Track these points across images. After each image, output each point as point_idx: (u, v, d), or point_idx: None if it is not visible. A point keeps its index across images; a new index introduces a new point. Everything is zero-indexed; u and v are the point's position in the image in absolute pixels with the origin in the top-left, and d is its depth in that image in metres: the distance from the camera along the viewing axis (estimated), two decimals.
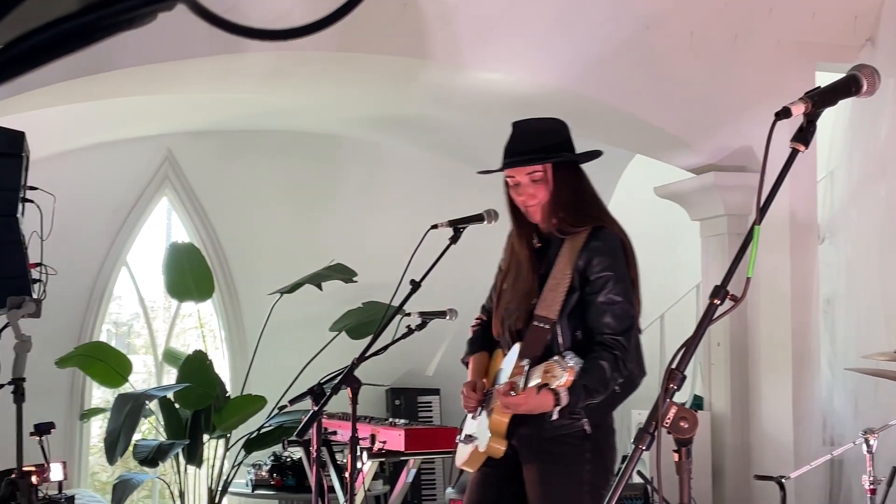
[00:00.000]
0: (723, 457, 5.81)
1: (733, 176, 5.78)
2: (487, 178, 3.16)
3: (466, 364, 3.21)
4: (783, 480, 3.98)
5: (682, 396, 7.54)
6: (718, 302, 1.78)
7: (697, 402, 6.59)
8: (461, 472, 3.12)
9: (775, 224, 5.56)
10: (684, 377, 1.76)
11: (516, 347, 2.92)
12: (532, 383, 2.69)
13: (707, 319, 1.78)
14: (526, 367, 2.75)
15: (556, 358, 2.64)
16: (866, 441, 3.69)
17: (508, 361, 2.93)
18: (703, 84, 5.66)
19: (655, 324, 7.21)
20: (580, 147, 3.09)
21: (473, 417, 3.05)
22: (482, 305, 3.31)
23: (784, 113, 1.78)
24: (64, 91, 5.01)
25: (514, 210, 3.07)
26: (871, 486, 3.74)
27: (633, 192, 7.93)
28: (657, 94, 5.64)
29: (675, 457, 1.77)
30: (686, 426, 1.76)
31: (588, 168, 3.13)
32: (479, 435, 2.93)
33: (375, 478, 6.24)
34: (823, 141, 5.84)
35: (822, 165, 5.88)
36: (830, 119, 5.94)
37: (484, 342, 3.20)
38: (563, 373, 2.59)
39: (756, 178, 5.88)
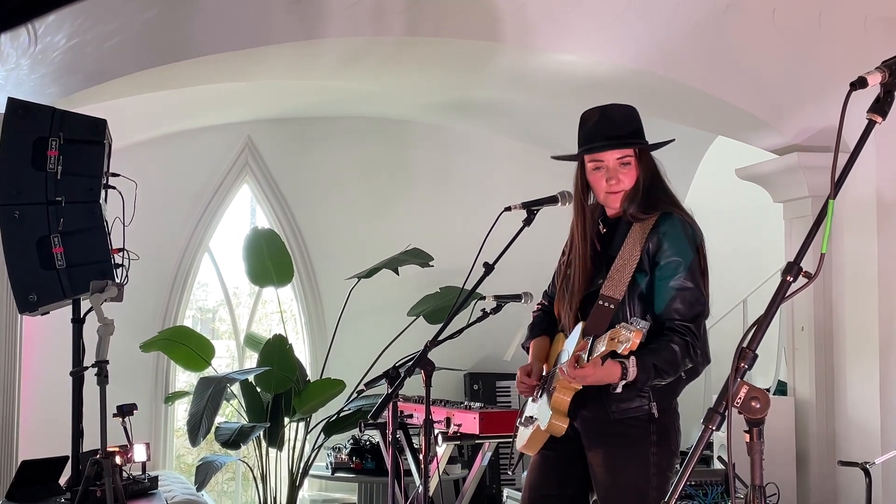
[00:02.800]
0: (807, 444, 5.70)
1: (817, 156, 5.65)
2: (561, 162, 3.14)
3: (527, 349, 3.20)
4: (868, 467, 3.87)
5: (766, 382, 7.41)
6: (791, 279, 1.73)
7: (781, 388, 6.46)
8: (521, 455, 3.11)
9: (861, 203, 5.42)
10: (756, 356, 1.73)
11: (579, 326, 2.91)
12: (597, 353, 2.67)
13: (780, 297, 1.73)
14: (589, 342, 2.73)
15: (622, 323, 2.62)
16: None
17: (571, 341, 2.92)
18: (786, 63, 5.52)
19: (738, 308, 7.09)
20: (649, 133, 3.10)
21: (533, 401, 3.04)
22: (544, 291, 3.30)
23: (859, 83, 1.73)
24: (143, 80, 5.11)
25: (582, 194, 3.05)
26: None
27: (714, 175, 7.80)
28: (738, 74, 5.52)
29: (747, 437, 1.74)
30: (758, 406, 1.72)
31: (668, 151, 3.11)
32: (540, 415, 2.92)
33: (453, 461, 6.26)
34: None
35: None
36: None
37: (545, 327, 3.19)
38: (629, 335, 2.56)
39: (843, 157, 5.71)
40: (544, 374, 3.05)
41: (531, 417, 2.98)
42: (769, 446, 5.52)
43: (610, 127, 2.97)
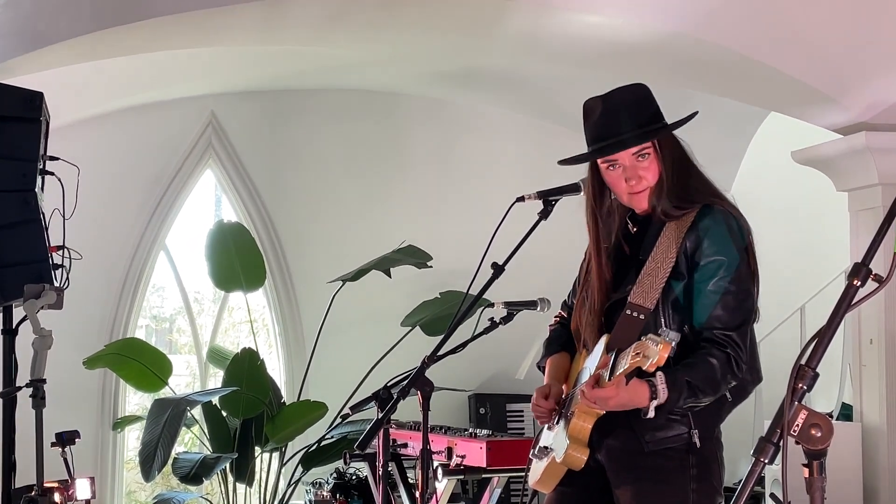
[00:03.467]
0: (876, 477, 5.70)
1: (890, 136, 5.64)
2: (584, 143, 3.13)
3: (542, 369, 3.19)
4: None
5: (828, 405, 7.42)
6: (859, 283, 1.73)
7: (846, 412, 6.47)
8: (535, 493, 3.10)
9: None
10: (816, 375, 1.73)
11: (603, 340, 2.90)
12: (620, 370, 2.66)
13: (845, 305, 1.73)
14: (612, 358, 2.73)
15: (649, 335, 2.59)
16: None
17: (593, 358, 2.90)
18: (852, 28, 5.51)
19: (795, 317, 7.09)
20: (677, 110, 3.08)
21: (550, 428, 3.03)
22: (563, 301, 3.30)
23: None
24: (89, 45, 5.11)
25: (595, 199, 3.05)
26: None
27: (766, 159, 7.81)
28: (794, 39, 5.52)
29: (805, 472, 1.74)
30: (819, 435, 1.72)
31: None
32: (556, 445, 2.91)
33: (456, 499, 6.26)
34: None
35: None
36: None
37: (564, 342, 3.18)
38: (656, 347, 2.53)
39: None
40: (564, 396, 3.04)
41: (546, 448, 2.96)
42: (831, 481, 5.54)
43: (618, 119, 2.94)
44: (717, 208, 2.89)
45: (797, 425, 1.72)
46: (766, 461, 1.73)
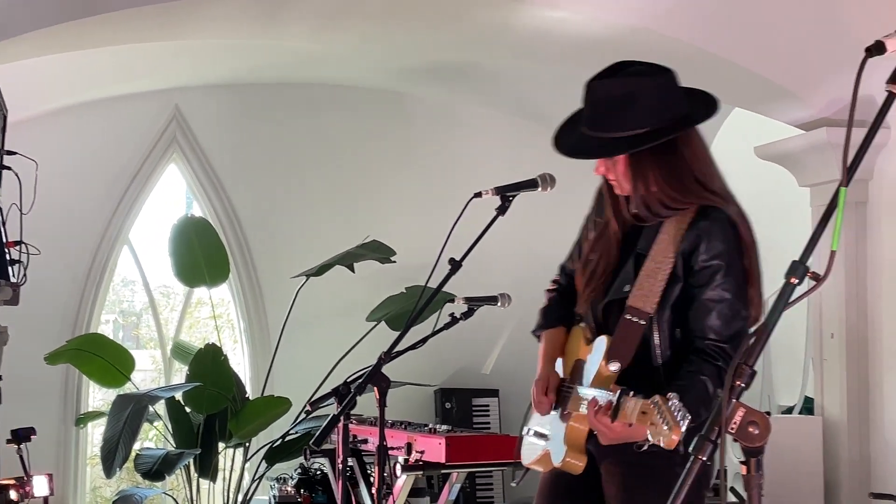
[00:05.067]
0: (837, 471, 5.73)
1: (851, 132, 5.66)
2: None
3: (538, 337, 3.11)
4: None
5: (792, 399, 7.45)
6: (796, 281, 1.74)
7: (809, 406, 6.50)
8: (526, 471, 3.05)
9: None
10: (754, 373, 1.73)
11: (602, 342, 2.82)
12: (623, 419, 2.54)
13: (782, 303, 1.74)
14: (616, 396, 2.61)
15: (657, 400, 2.42)
16: None
17: (594, 359, 2.83)
18: (814, 24, 5.54)
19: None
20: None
21: (543, 414, 2.97)
22: (561, 265, 3.19)
23: (877, 48, 1.74)
24: (49, 38, 5.08)
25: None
26: None
27: (730, 154, 7.82)
28: (757, 36, 5.54)
29: (743, 469, 1.74)
30: (756, 432, 1.73)
31: None
32: (553, 440, 2.88)
33: (419, 493, 6.26)
34: None
35: None
36: None
37: (561, 315, 3.09)
38: (669, 433, 2.39)
39: (880, 134, 5.72)
40: (559, 385, 2.98)
41: (544, 435, 2.94)
42: (793, 474, 5.57)
43: (590, 118, 2.84)
44: (717, 210, 2.78)
45: (735, 423, 1.72)
46: (705, 458, 1.73)
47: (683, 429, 2.37)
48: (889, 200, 5.63)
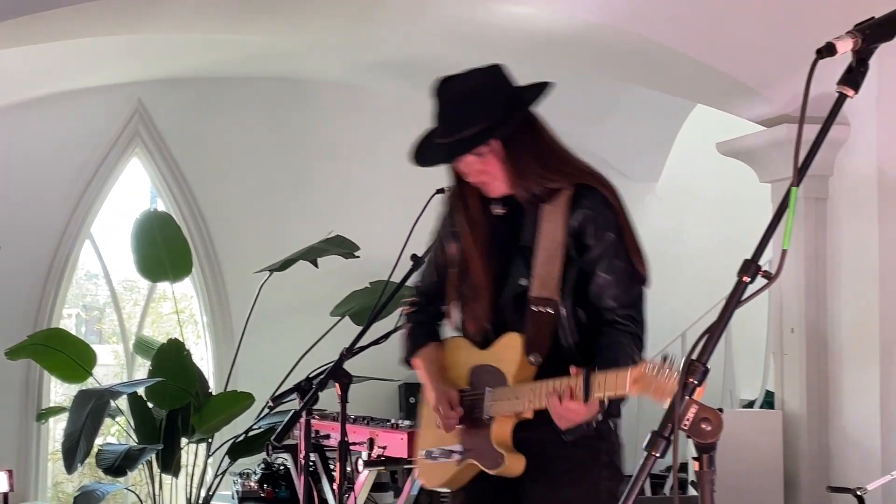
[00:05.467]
0: (797, 465, 5.79)
1: (811, 129, 5.68)
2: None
3: (410, 364, 3.07)
4: (861, 494, 3.96)
5: (753, 393, 7.53)
6: (748, 279, 1.75)
7: (769, 400, 6.57)
8: (431, 494, 2.99)
9: (861, 187, 5.50)
10: (707, 370, 1.74)
11: (514, 339, 2.79)
12: (598, 394, 2.53)
13: (734, 301, 1.76)
14: (575, 374, 2.59)
15: (649, 364, 2.41)
16: None
17: (506, 357, 2.80)
18: (775, 21, 5.58)
19: (719, 307, 7.16)
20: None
21: (440, 427, 2.90)
22: (415, 286, 3.16)
23: (827, 50, 1.76)
24: (6, 33, 5.04)
25: (458, 179, 2.95)
26: None
27: (693, 150, 7.89)
28: (719, 32, 5.58)
29: (696, 466, 1.76)
30: (708, 429, 1.74)
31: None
32: (475, 450, 2.81)
33: (383, 488, 6.28)
34: None
35: None
36: None
37: (427, 331, 3.07)
38: (666, 371, 2.35)
39: (840, 130, 5.76)
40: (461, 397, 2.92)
41: (450, 451, 2.86)
42: (753, 468, 5.62)
43: (442, 122, 2.89)
44: (592, 188, 2.82)
45: (688, 419, 1.74)
46: (658, 455, 1.74)
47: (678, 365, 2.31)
48: (849, 196, 5.69)
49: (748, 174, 6.34)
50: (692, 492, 5.83)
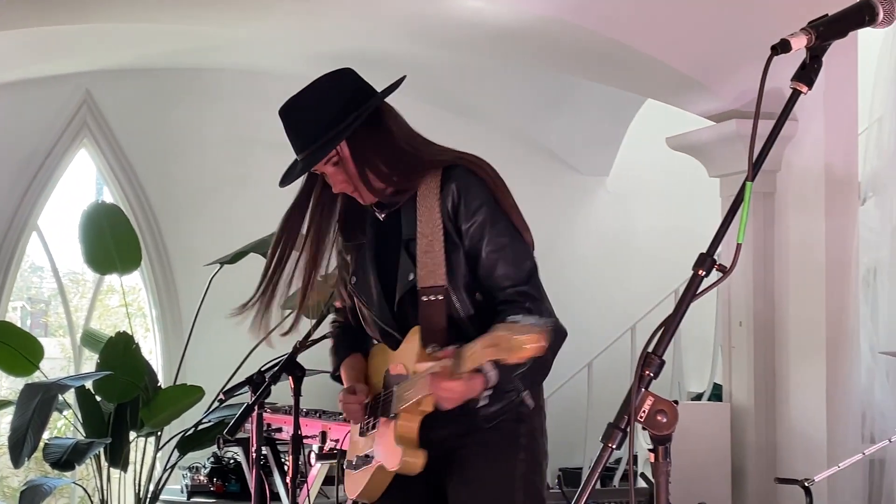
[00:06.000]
0: (744, 457, 5.85)
1: (760, 124, 5.77)
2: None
3: (338, 379, 3.07)
4: (809, 485, 4.01)
5: (701, 386, 7.60)
6: (703, 273, 1.78)
7: (717, 393, 6.63)
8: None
9: (808, 181, 5.57)
10: (663, 362, 1.77)
11: (413, 333, 2.75)
12: (468, 365, 2.47)
13: (690, 294, 1.78)
14: (433, 349, 2.56)
15: (498, 325, 2.38)
16: None
17: (408, 352, 2.77)
18: (724, 17, 5.64)
19: (668, 300, 7.24)
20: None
21: (363, 433, 2.89)
22: (336, 308, 3.19)
23: (782, 47, 1.79)
24: None
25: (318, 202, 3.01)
26: None
27: (644, 145, 7.95)
28: (669, 28, 5.62)
29: (651, 457, 1.78)
30: (664, 421, 1.76)
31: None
32: (383, 452, 2.75)
33: (335, 482, 6.26)
34: (866, 85, 5.84)
35: (864, 114, 5.88)
36: (873, 58, 5.94)
37: (351, 343, 3.09)
38: (525, 338, 2.29)
39: (787, 126, 5.85)
40: (369, 399, 2.90)
41: (368, 456, 2.81)
42: (701, 460, 5.68)
43: (293, 140, 2.94)
44: (456, 166, 2.78)
45: (644, 411, 1.76)
46: (614, 447, 1.77)
47: (547, 328, 2.33)
48: (796, 191, 5.76)
49: (697, 169, 6.40)
50: (641, 483, 5.88)
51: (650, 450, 1.79)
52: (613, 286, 8.00)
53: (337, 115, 2.81)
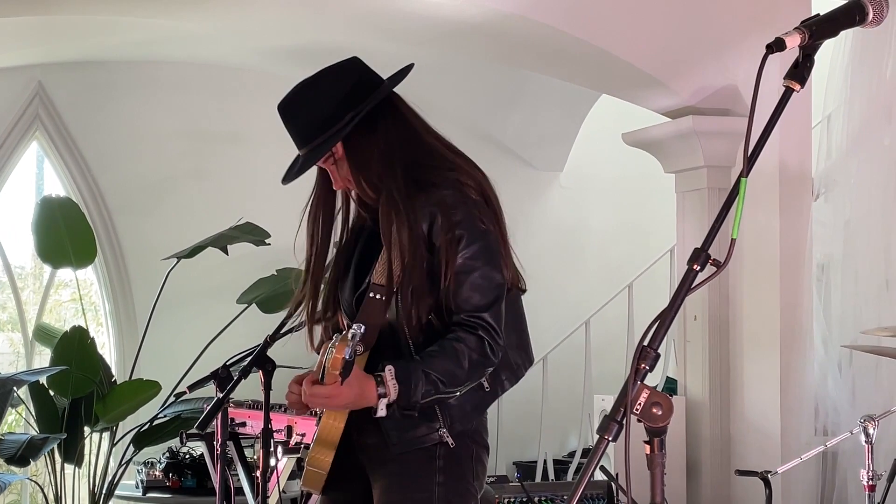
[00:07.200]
0: (699, 449, 5.92)
1: (715, 121, 5.84)
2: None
3: None
4: (769, 476, 4.06)
5: (654, 379, 7.65)
6: (698, 268, 1.80)
7: (671, 386, 6.70)
8: (307, 496, 2.90)
9: (762, 177, 5.64)
10: (658, 356, 1.79)
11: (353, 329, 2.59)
12: (332, 365, 2.45)
13: (685, 288, 1.80)
14: (327, 348, 2.55)
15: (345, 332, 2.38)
16: (865, 430, 3.77)
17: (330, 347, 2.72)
18: (680, 13, 5.70)
19: (623, 294, 7.30)
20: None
21: (298, 408, 2.82)
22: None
23: (777, 45, 1.81)
24: None
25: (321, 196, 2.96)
26: (870, 482, 3.83)
27: (598, 140, 7.99)
28: (626, 24, 5.66)
29: (647, 449, 1.80)
30: (659, 413, 1.78)
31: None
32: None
33: (295, 477, 6.24)
34: (819, 81, 5.92)
35: (817, 109, 5.96)
36: (827, 55, 6.01)
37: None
38: (331, 349, 2.38)
39: (742, 122, 5.92)
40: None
41: (307, 447, 2.80)
42: None
43: (294, 136, 2.85)
44: (445, 182, 2.68)
45: (639, 404, 1.78)
46: (610, 438, 1.78)
47: (347, 352, 2.40)
48: (751, 187, 5.70)
49: (651, 164, 6.45)
50: (599, 475, 5.92)
51: (646, 442, 1.81)
52: (567, 281, 8.04)
53: (334, 114, 2.74)
